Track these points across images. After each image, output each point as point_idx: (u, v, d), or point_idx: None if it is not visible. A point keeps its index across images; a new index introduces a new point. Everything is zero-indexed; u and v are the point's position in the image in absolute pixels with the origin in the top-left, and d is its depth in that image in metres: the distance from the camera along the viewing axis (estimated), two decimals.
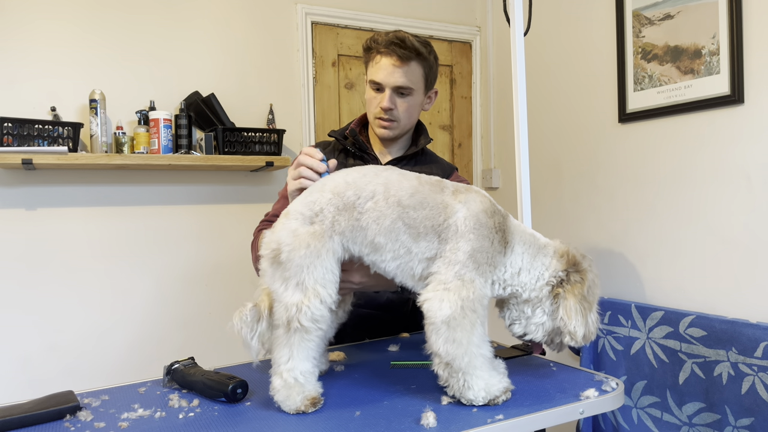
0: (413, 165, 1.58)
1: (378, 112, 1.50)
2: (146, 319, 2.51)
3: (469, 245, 1.04)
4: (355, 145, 1.56)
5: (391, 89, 1.47)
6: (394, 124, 1.52)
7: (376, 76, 1.47)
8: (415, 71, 1.48)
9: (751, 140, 1.96)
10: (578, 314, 1.09)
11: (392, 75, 1.45)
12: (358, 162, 1.56)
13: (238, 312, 1.12)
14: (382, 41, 1.45)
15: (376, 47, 1.46)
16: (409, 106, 1.51)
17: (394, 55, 1.44)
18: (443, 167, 1.63)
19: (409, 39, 1.45)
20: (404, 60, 1.45)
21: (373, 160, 1.56)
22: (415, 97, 1.51)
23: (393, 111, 1.49)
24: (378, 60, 1.47)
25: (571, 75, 2.68)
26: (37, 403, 1.07)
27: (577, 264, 1.11)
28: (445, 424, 0.97)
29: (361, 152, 1.56)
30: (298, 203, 1.13)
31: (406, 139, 1.62)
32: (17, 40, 2.29)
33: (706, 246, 2.10)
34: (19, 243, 2.30)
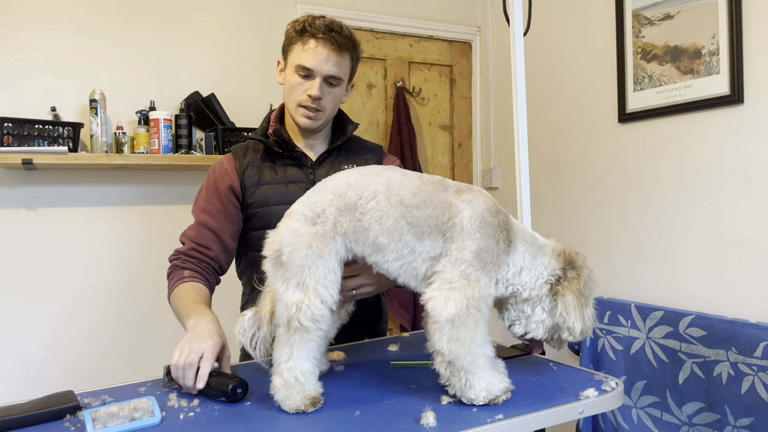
0: (345, 156, 1.52)
1: (304, 100, 1.40)
2: (147, 319, 2.51)
3: (475, 244, 1.05)
4: (281, 144, 1.46)
5: (321, 77, 1.38)
6: (319, 114, 1.43)
7: (307, 61, 1.37)
8: (347, 62, 1.42)
9: (751, 140, 1.96)
10: (576, 309, 1.10)
11: (326, 63, 1.37)
12: (286, 161, 1.48)
13: (237, 323, 1.14)
14: (320, 26, 1.36)
15: (312, 31, 1.36)
16: (334, 96, 1.44)
17: (332, 43, 1.36)
18: (374, 151, 1.57)
19: (346, 28, 1.40)
20: (341, 49, 1.38)
21: (302, 157, 1.47)
22: (341, 87, 1.44)
23: (321, 100, 1.41)
24: (312, 45, 1.37)
25: (571, 75, 2.68)
26: (37, 403, 1.07)
27: (572, 261, 1.12)
28: (444, 424, 0.97)
29: (289, 150, 1.47)
30: (300, 204, 1.13)
31: (327, 130, 1.54)
32: (17, 40, 2.29)
33: (705, 246, 2.11)
34: (19, 243, 2.30)
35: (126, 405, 1.03)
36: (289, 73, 1.43)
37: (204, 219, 1.45)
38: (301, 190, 1.42)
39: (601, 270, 2.51)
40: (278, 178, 1.46)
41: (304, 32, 1.38)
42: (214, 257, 1.45)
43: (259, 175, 1.46)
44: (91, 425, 0.97)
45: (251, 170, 1.46)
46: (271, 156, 1.49)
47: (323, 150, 1.52)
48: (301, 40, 1.38)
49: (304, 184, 1.46)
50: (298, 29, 1.39)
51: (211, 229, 1.44)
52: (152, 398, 1.07)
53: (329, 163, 1.50)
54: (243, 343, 1.15)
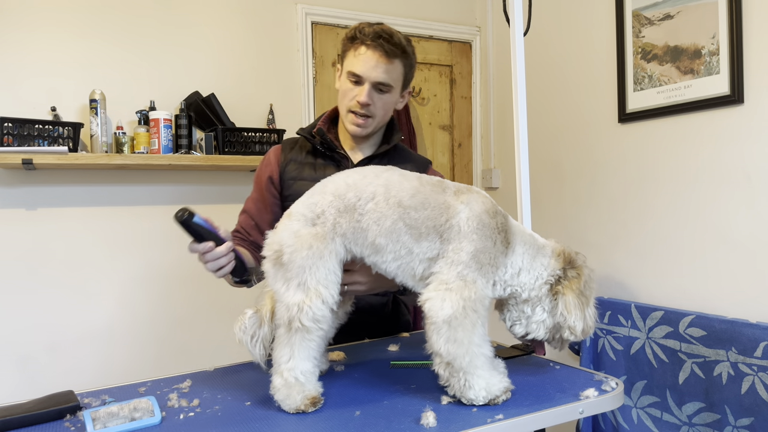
0: (386, 163, 1.52)
1: (353, 106, 1.43)
2: (146, 319, 2.51)
3: (472, 246, 1.05)
4: (323, 144, 1.49)
5: (371, 84, 1.40)
6: (368, 121, 1.45)
7: (357, 68, 1.39)
8: (398, 69, 1.43)
9: (751, 140, 1.96)
10: (577, 309, 1.10)
11: (375, 69, 1.39)
12: (328, 162, 1.50)
13: (237, 321, 1.14)
14: (370, 33, 1.38)
15: (361, 38, 1.38)
16: (385, 103, 1.45)
17: (381, 50, 1.38)
18: (418, 163, 1.57)
19: (396, 35, 1.41)
20: (390, 56, 1.39)
21: (343, 159, 1.50)
22: (392, 94, 1.45)
23: (370, 107, 1.42)
24: (362, 51, 1.39)
25: (571, 75, 2.68)
26: (37, 403, 1.08)
27: (572, 261, 1.12)
28: (444, 424, 0.97)
29: (331, 151, 1.50)
30: (300, 205, 1.13)
31: (378, 136, 1.55)
32: (18, 40, 2.29)
33: (705, 246, 2.11)
34: (19, 243, 2.30)
35: (126, 405, 1.03)
36: (342, 79, 1.46)
37: (248, 206, 1.56)
38: None
39: (601, 270, 2.51)
40: (315, 176, 1.47)
41: (354, 39, 1.41)
42: (253, 241, 1.52)
43: (300, 170, 1.51)
44: (91, 425, 0.97)
45: (293, 165, 1.52)
46: (315, 154, 1.52)
47: (368, 155, 1.53)
48: (353, 46, 1.41)
49: None
50: (349, 35, 1.42)
51: (252, 216, 1.54)
52: (152, 398, 1.07)
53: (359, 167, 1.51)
54: (243, 341, 1.15)
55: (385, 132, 1.57)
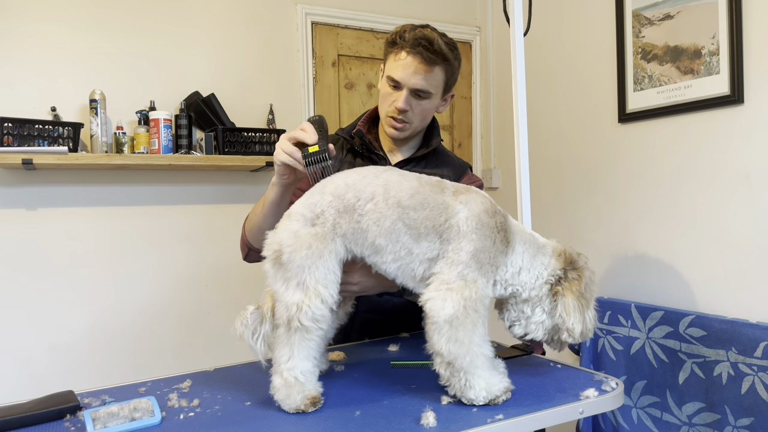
0: (423, 166, 1.52)
1: (391, 111, 1.43)
2: (146, 319, 2.51)
3: (471, 245, 1.05)
4: (362, 145, 1.50)
5: (409, 90, 1.39)
6: (405, 126, 1.45)
7: (396, 74, 1.38)
8: (438, 76, 1.41)
9: (751, 140, 1.96)
10: (576, 311, 1.09)
11: (413, 76, 1.37)
12: (366, 162, 1.50)
13: (239, 316, 1.13)
14: (410, 38, 1.36)
15: (401, 43, 1.37)
16: (424, 109, 1.44)
17: (420, 57, 1.36)
18: (455, 167, 1.56)
19: (437, 41, 1.37)
20: (429, 63, 1.37)
21: (381, 161, 1.50)
22: (432, 100, 1.44)
23: (407, 113, 1.42)
24: (402, 57, 1.37)
25: (571, 75, 2.68)
26: (37, 403, 1.08)
27: (573, 262, 1.12)
28: (445, 424, 0.97)
29: (369, 152, 1.50)
30: (299, 205, 1.13)
31: (418, 138, 1.55)
32: (18, 40, 2.29)
33: (705, 246, 2.11)
34: (19, 243, 2.30)
35: (126, 405, 1.03)
36: (382, 83, 1.46)
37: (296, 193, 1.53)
38: None
39: (601, 270, 2.51)
40: None
41: (395, 43, 1.39)
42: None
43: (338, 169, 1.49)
44: (91, 425, 0.97)
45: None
46: (355, 154, 1.52)
47: (406, 157, 1.53)
48: (393, 51, 1.40)
49: None
50: (390, 40, 1.41)
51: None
52: (152, 398, 1.07)
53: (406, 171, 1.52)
54: (245, 336, 1.13)
55: (425, 135, 1.57)
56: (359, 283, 1.23)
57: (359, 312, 1.52)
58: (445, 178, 1.51)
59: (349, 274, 1.21)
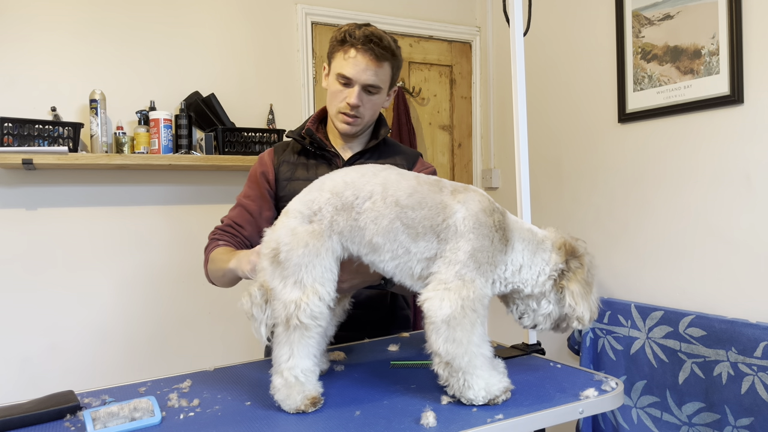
0: (377, 157, 1.56)
1: (343, 107, 1.47)
2: (146, 319, 2.51)
3: (469, 245, 1.05)
4: (313, 144, 1.53)
5: (360, 86, 1.44)
6: (357, 121, 1.49)
7: (347, 71, 1.43)
8: (386, 71, 1.46)
9: (751, 140, 1.96)
10: (583, 299, 1.10)
11: (365, 72, 1.42)
12: (320, 161, 1.54)
13: (246, 292, 1.12)
14: (360, 36, 1.41)
15: (351, 41, 1.41)
16: (374, 104, 1.49)
17: (371, 54, 1.41)
18: (407, 155, 1.61)
19: (385, 38, 1.44)
20: (380, 59, 1.42)
21: (333, 157, 1.53)
22: (381, 95, 1.49)
23: (359, 108, 1.47)
24: (352, 54, 1.42)
25: (571, 75, 2.68)
26: (37, 403, 1.08)
27: (574, 251, 1.12)
28: (444, 424, 0.97)
29: (321, 150, 1.53)
30: (297, 202, 1.13)
31: (367, 133, 1.59)
32: (18, 40, 2.29)
33: (705, 246, 2.11)
34: (19, 243, 2.30)
35: (126, 405, 1.03)
36: (331, 80, 1.49)
37: (244, 202, 1.54)
38: None
39: (601, 270, 2.51)
40: (308, 175, 1.51)
41: (344, 42, 1.43)
42: (247, 236, 1.52)
43: (293, 171, 1.54)
44: (91, 425, 0.97)
45: (286, 166, 1.54)
46: (307, 154, 1.55)
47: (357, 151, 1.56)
48: (342, 49, 1.44)
49: None
50: (339, 38, 1.44)
51: (249, 211, 1.53)
52: (152, 398, 1.07)
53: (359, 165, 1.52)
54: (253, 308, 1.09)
55: (374, 128, 1.61)
56: (347, 280, 1.23)
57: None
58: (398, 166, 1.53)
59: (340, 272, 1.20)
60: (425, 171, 1.57)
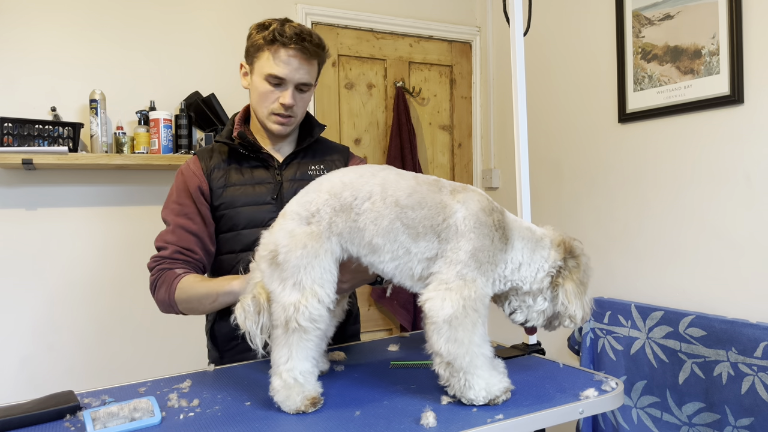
0: (311, 156, 1.53)
1: (277, 108, 1.42)
2: (146, 319, 2.51)
3: (470, 245, 1.04)
4: (245, 147, 1.47)
5: (294, 85, 1.41)
6: (291, 120, 1.46)
7: (278, 70, 1.38)
8: (315, 67, 1.45)
9: (751, 140, 1.96)
10: (577, 298, 1.10)
11: (298, 71, 1.39)
12: (252, 163, 1.48)
13: (239, 305, 1.12)
14: (291, 34, 1.36)
15: (282, 40, 1.37)
16: (305, 101, 1.47)
17: (304, 52, 1.38)
18: (340, 151, 1.59)
19: (314, 33, 1.41)
20: (311, 57, 1.40)
21: (268, 158, 1.48)
22: (310, 92, 1.48)
23: (293, 107, 1.43)
24: (281, 54, 1.38)
25: (571, 75, 2.68)
26: (37, 403, 1.08)
27: (572, 250, 1.12)
28: (444, 424, 0.97)
29: (255, 152, 1.48)
30: (294, 203, 1.13)
31: (295, 132, 1.56)
32: (18, 40, 2.29)
33: (705, 246, 2.11)
34: (19, 243, 2.30)
35: (126, 405, 1.03)
36: (257, 81, 1.42)
37: (182, 222, 1.43)
38: (269, 191, 1.45)
39: (601, 270, 2.51)
40: (245, 179, 1.46)
41: (274, 41, 1.37)
42: (199, 259, 1.44)
43: (226, 177, 1.46)
44: (91, 425, 0.97)
45: (218, 172, 1.46)
46: (238, 158, 1.49)
47: (290, 151, 1.53)
48: (272, 48, 1.38)
49: (271, 185, 1.47)
50: (268, 39, 1.38)
51: (191, 231, 1.43)
52: (152, 398, 1.07)
53: (296, 164, 1.51)
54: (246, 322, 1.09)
55: (304, 127, 1.57)
56: (348, 281, 1.23)
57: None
58: (335, 162, 1.53)
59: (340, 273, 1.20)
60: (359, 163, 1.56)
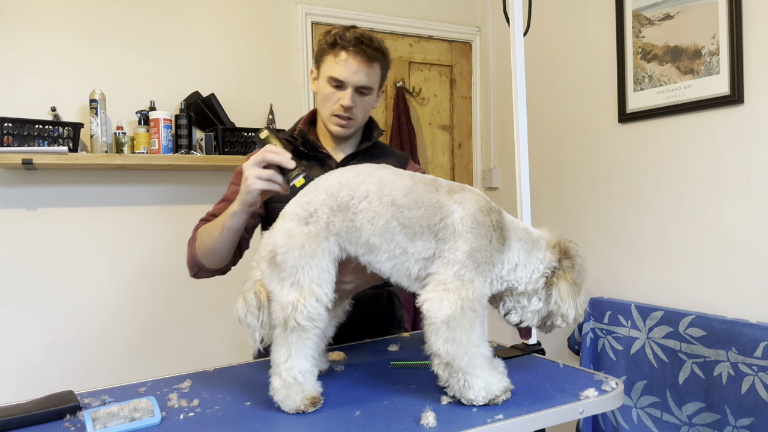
0: (368, 159, 1.55)
1: (337, 110, 1.47)
2: (146, 319, 2.51)
3: (467, 245, 1.05)
4: (305, 145, 1.52)
5: (353, 88, 1.44)
6: (351, 123, 1.49)
7: (339, 73, 1.43)
8: (377, 71, 1.47)
9: (751, 140, 1.96)
10: (570, 297, 1.11)
11: (357, 74, 1.43)
12: (311, 162, 1.53)
13: (240, 300, 1.12)
14: (350, 38, 1.41)
15: (342, 43, 1.42)
16: (366, 104, 1.50)
17: (363, 55, 1.42)
18: (398, 158, 1.61)
19: (375, 39, 1.45)
20: (371, 60, 1.43)
21: (326, 158, 1.53)
22: (372, 96, 1.50)
23: (353, 109, 1.47)
24: (343, 57, 1.42)
25: (571, 75, 2.68)
26: (37, 403, 1.08)
27: (567, 251, 1.13)
28: (444, 424, 0.97)
29: (314, 151, 1.52)
30: (293, 204, 1.13)
31: (358, 135, 1.60)
32: (18, 40, 2.29)
33: (705, 246, 2.11)
34: (19, 243, 2.30)
35: (126, 405, 1.03)
36: (322, 84, 1.49)
37: (230, 198, 1.50)
38: None
39: (601, 270, 2.51)
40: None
41: (335, 45, 1.43)
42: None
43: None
44: (91, 425, 0.97)
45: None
46: (299, 156, 1.53)
47: (349, 153, 1.56)
48: (333, 52, 1.44)
49: None
50: (329, 42, 1.44)
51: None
52: (152, 398, 1.07)
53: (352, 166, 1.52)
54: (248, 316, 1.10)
55: (364, 130, 1.61)
56: (352, 281, 1.23)
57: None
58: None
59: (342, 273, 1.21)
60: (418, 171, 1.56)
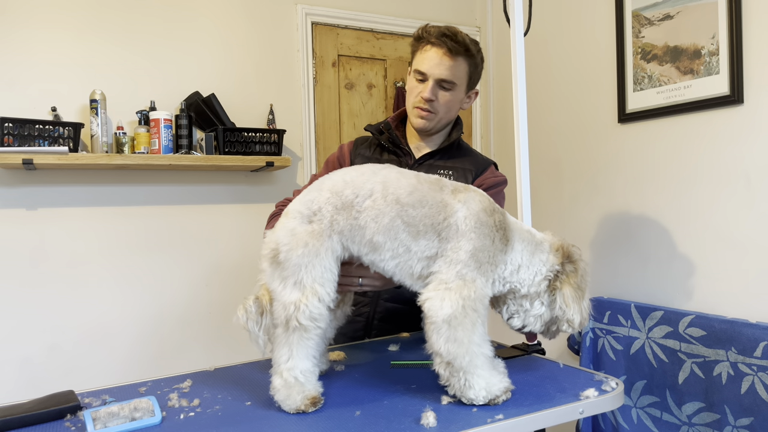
0: (446, 159, 1.56)
1: (418, 101, 1.48)
2: (146, 319, 2.51)
3: (470, 244, 1.05)
4: (389, 139, 1.55)
5: (434, 80, 1.45)
6: (431, 116, 1.50)
7: (422, 66, 1.46)
8: (461, 67, 1.47)
9: (751, 140, 1.96)
10: (574, 302, 1.11)
11: (438, 66, 1.44)
12: (392, 156, 1.56)
13: (241, 306, 1.12)
14: (434, 32, 1.44)
15: (427, 37, 1.45)
16: (449, 100, 1.49)
17: (444, 47, 1.43)
18: (478, 161, 1.59)
19: (461, 34, 1.46)
20: (453, 53, 1.44)
21: (405, 155, 1.55)
22: (456, 92, 1.49)
23: (433, 102, 1.47)
24: (427, 50, 1.45)
25: (571, 75, 2.68)
26: (37, 403, 1.08)
27: (570, 255, 1.13)
28: (445, 424, 0.97)
29: (395, 147, 1.55)
30: (297, 202, 1.13)
31: (443, 133, 1.60)
32: (18, 40, 2.29)
33: (705, 246, 2.11)
34: (19, 243, 2.30)
35: (126, 405, 1.03)
36: (409, 78, 1.53)
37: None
38: None
39: (600, 270, 2.51)
40: None
41: (420, 39, 1.47)
42: None
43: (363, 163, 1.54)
44: (91, 425, 0.98)
45: (360, 159, 1.57)
46: (382, 150, 1.58)
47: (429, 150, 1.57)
48: (419, 46, 1.48)
49: None
50: (416, 36, 1.49)
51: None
52: (152, 398, 1.07)
53: (428, 165, 1.55)
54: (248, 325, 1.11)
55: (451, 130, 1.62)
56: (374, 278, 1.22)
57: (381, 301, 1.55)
58: (465, 170, 1.54)
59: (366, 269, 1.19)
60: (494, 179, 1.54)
